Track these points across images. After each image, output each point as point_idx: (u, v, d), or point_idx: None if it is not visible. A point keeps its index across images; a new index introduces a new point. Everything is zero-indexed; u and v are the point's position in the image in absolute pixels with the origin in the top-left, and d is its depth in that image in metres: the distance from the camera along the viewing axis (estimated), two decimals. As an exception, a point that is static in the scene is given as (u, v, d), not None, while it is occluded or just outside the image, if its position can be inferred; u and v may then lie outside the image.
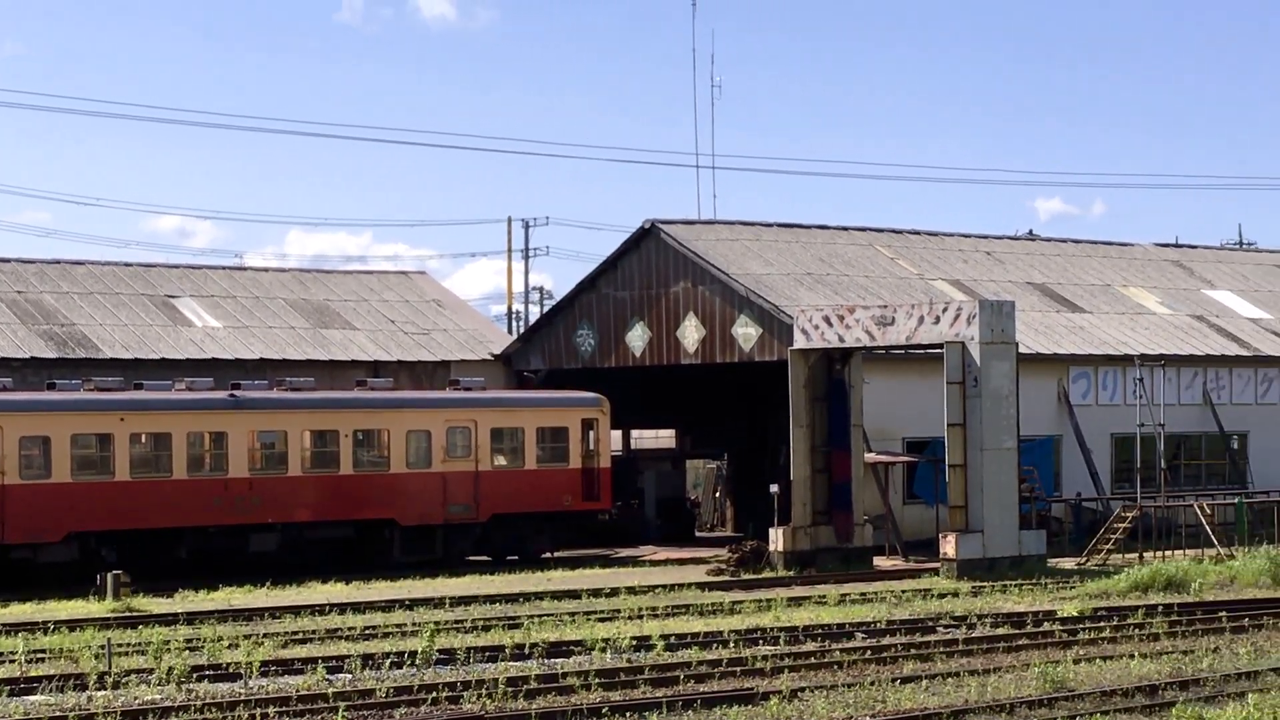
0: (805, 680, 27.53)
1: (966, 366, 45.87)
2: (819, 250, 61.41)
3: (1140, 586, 41.40)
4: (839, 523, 49.32)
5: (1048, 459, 57.18)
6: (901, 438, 54.63)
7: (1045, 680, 26.40)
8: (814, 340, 49.19)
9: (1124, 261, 70.32)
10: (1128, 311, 64.29)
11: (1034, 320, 59.61)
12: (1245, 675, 27.06)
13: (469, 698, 25.65)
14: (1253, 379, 63.22)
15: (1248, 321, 66.51)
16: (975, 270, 63.87)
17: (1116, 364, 58.96)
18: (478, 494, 51.67)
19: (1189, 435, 61.19)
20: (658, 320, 57.83)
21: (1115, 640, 32.50)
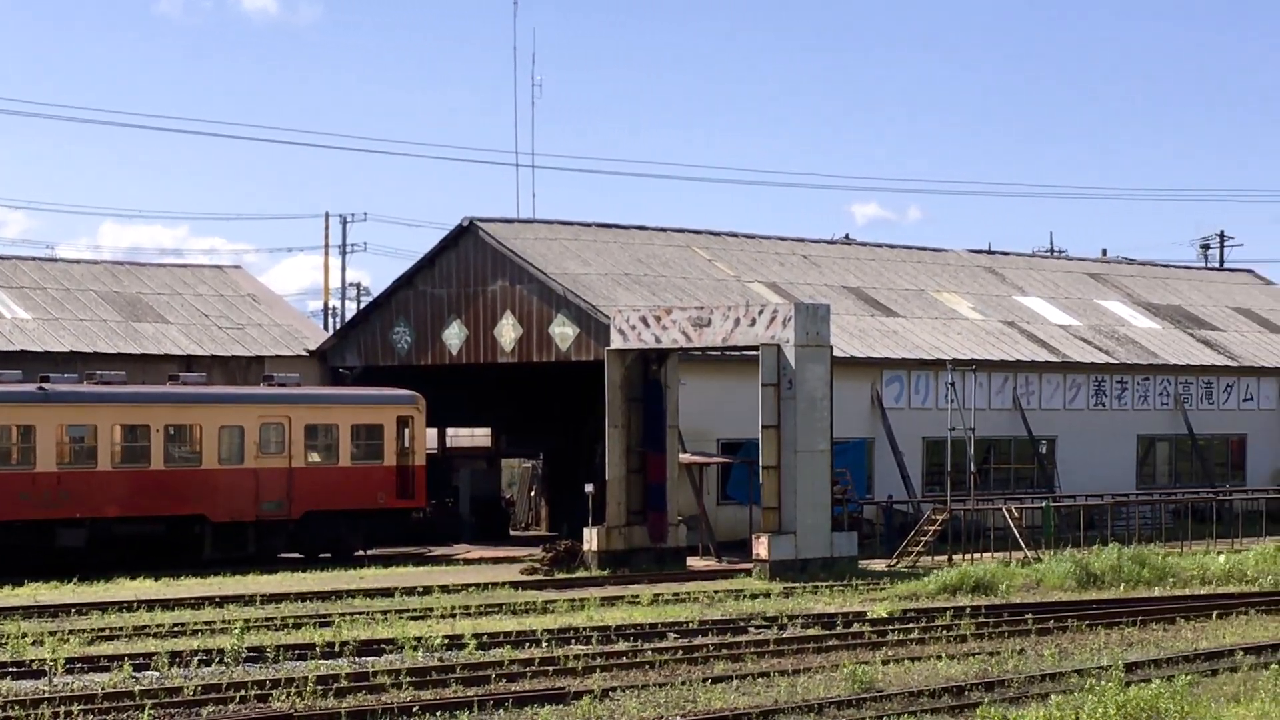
0: (617, 680, 27.57)
1: (781, 369, 46.18)
2: (637, 251, 61.56)
3: (949, 588, 41.88)
4: (653, 523, 49.46)
5: (860, 461, 57.75)
6: (717, 439, 54.90)
7: (854, 681, 26.63)
8: (631, 341, 49.30)
9: (938, 267, 71.20)
10: (941, 316, 65.08)
11: (849, 324, 60.16)
12: (1049, 676, 27.45)
13: (278, 696, 25.43)
14: (1061, 384, 64.28)
15: (1057, 328, 67.61)
16: (792, 273, 64.35)
17: (929, 368, 59.67)
18: (291, 491, 51.26)
19: (999, 439, 62.07)
20: (475, 319, 57.70)
21: (924, 641, 32.85)
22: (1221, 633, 34.53)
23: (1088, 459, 63.98)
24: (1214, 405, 69.00)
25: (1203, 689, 25.77)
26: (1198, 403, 68.35)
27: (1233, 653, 30.08)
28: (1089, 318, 70.21)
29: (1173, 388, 67.66)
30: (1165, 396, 67.37)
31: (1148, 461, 67.40)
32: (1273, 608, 38.49)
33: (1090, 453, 64.19)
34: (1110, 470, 64.55)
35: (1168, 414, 67.36)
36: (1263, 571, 45.77)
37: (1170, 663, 29.06)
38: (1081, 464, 63.73)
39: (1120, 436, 65.78)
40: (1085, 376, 65.00)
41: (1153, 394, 67.00)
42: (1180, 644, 32.75)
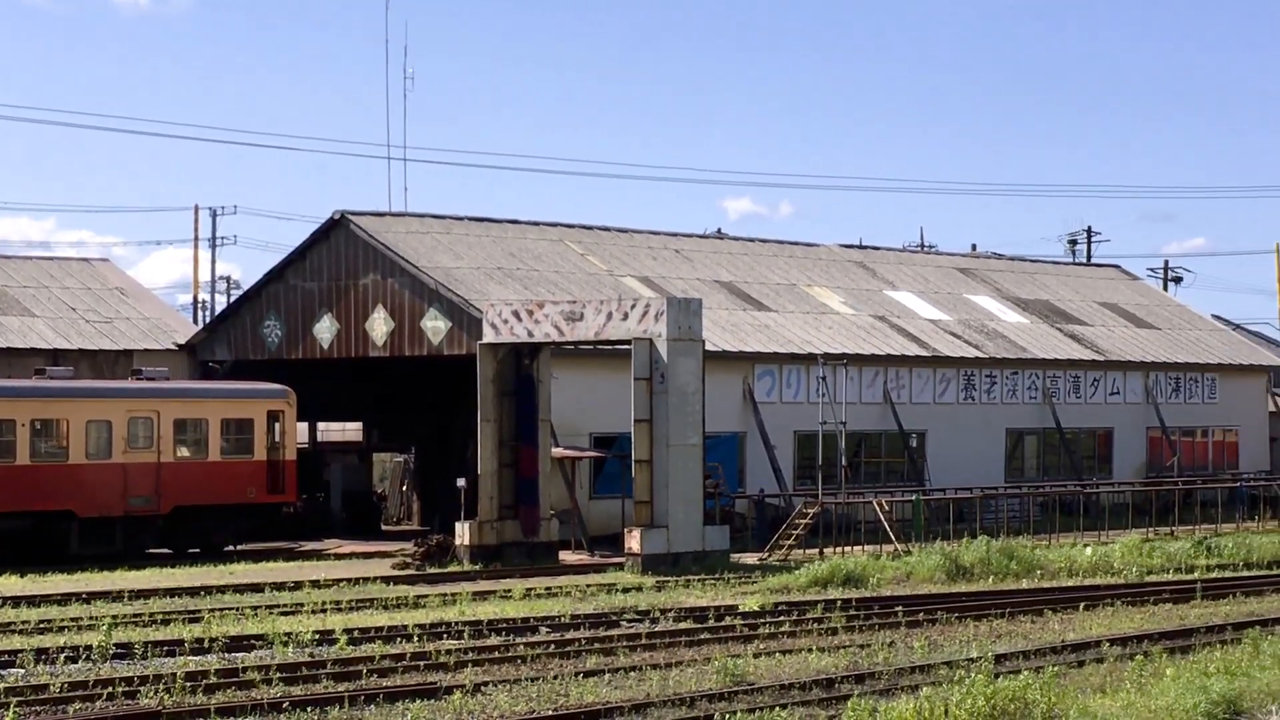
0: (489, 674, 27.50)
1: (654, 363, 46.24)
2: (510, 245, 61.42)
3: (820, 582, 42.08)
4: (525, 517, 49.40)
5: (732, 455, 57.94)
6: (589, 433, 54.87)
7: (725, 674, 26.72)
8: (503, 335, 49.21)
9: (809, 261, 71.52)
10: (812, 311, 65.39)
11: (721, 318, 60.32)
12: (919, 668, 27.67)
13: (146, 693, 25.18)
14: (931, 379, 64.74)
15: (927, 323, 68.10)
16: (664, 268, 64.42)
17: (800, 362, 59.91)
18: (159, 486, 50.77)
19: (869, 433, 62.44)
20: (346, 312, 57.38)
21: (795, 634, 33.00)
22: (1088, 624, 34.92)
23: (957, 453, 64.50)
24: (1081, 399, 69.77)
25: (1070, 680, 26.06)
26: (1065, 397, 69.08)
27: (1099, 644, 30.43)
28: (959, 312, 70.78)
29: (1041, 382, 68.33)
30: (1033, 391, 68.04)
31: (1016, 455, 68.03)
32: (1138, 599, 39.00)
33: (960, 446, 64.71)
34: (979, 464, 65.10)
35: (1036, 408, 68.03)
36: (1129, 564, 46.39)
37: (1038, 654, 29.38)
38: (951, 458, 64.24)
39: (989, 430, 66.36)
40: (955, 371, 65.50)
41: (1021, 388, 67.64)
42: (1048, 635, 33.12)
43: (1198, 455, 74.34)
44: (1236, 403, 76.20)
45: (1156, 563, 47.03)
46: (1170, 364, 73.41)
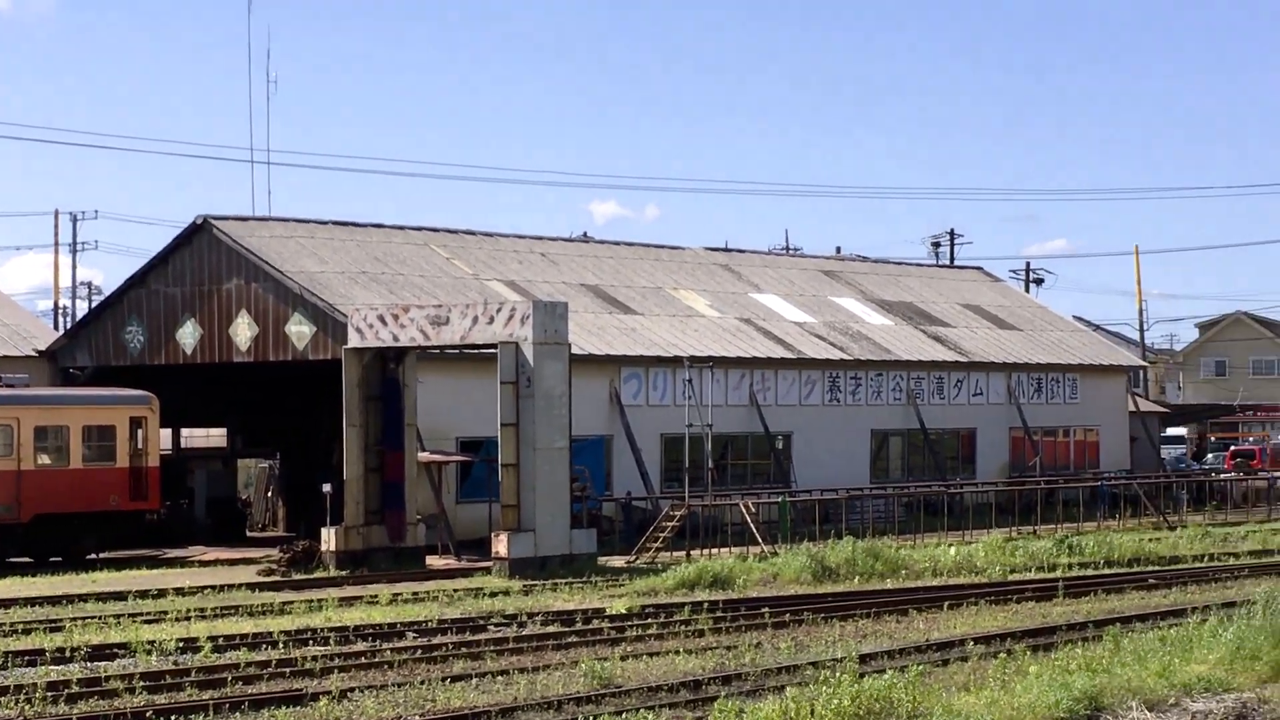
0: (355, 680, 27.39)
1: (520, 366, 46.19)
2: (374, 249, 61.15)
3: (687, 584, 42.17)
4: (392, 522, 49.21)
5: (599, 458, 57.97)
6: (456, 437, 54.73)
7: (593, 677, 26.75)
8: (368, 339, 49.00)
9: (675, 265, 71.71)
10: (678, 314, 65.55)
11: (587, 321, 60.35)
12: (785, 669, 27.82)
13: (6, 704, 24.87)
14: (797, 381, 65.07)
15: (792, 325, 68.44)
16: (530, 271, 64.39)
17: (667, 365, 60.03)
18: (19, 494, 50.09)
19: (736, 435, 62.66)
20: (210, 318, 56.93)
21: (662, 637, 33.09)
22: (952, 623, 35.24)
23: (823, 454, 64.89)
24: (945, 400, 70.38)
25: (934, 678, 26.29)
26: (929, 398, 69.66)
27: (963, 642, 30.72)
28: (824, 314, 71.19)
29: (905, 383, 68.88)
30: (898, 392, 68.56)
31: (881, 456, 68.51)
32: (1002, 598, 39.38)
33: (825, 448, 65.09)
34: (845, 465, 65.52)
35: (900, 409, 68.56)
36: (992, 563, 46.86)
37: (903, 653, 29.63)
38: (817, 459, 64.61)
39: (854, 431, 66.80)
40: (820, 372, 65.88)
41: (886, 389, 68.15)
42: (913, 635, 33.39)
43: (1059, 455, 75.21)
44: (1097, 403, 77.15)
45: (1019, 561, 47.52)
46: (1032, 365, 74.22)
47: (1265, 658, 25.54)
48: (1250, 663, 25.40)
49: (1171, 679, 24.13)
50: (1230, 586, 41.98)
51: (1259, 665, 25.27)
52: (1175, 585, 42.54)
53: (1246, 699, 23.33)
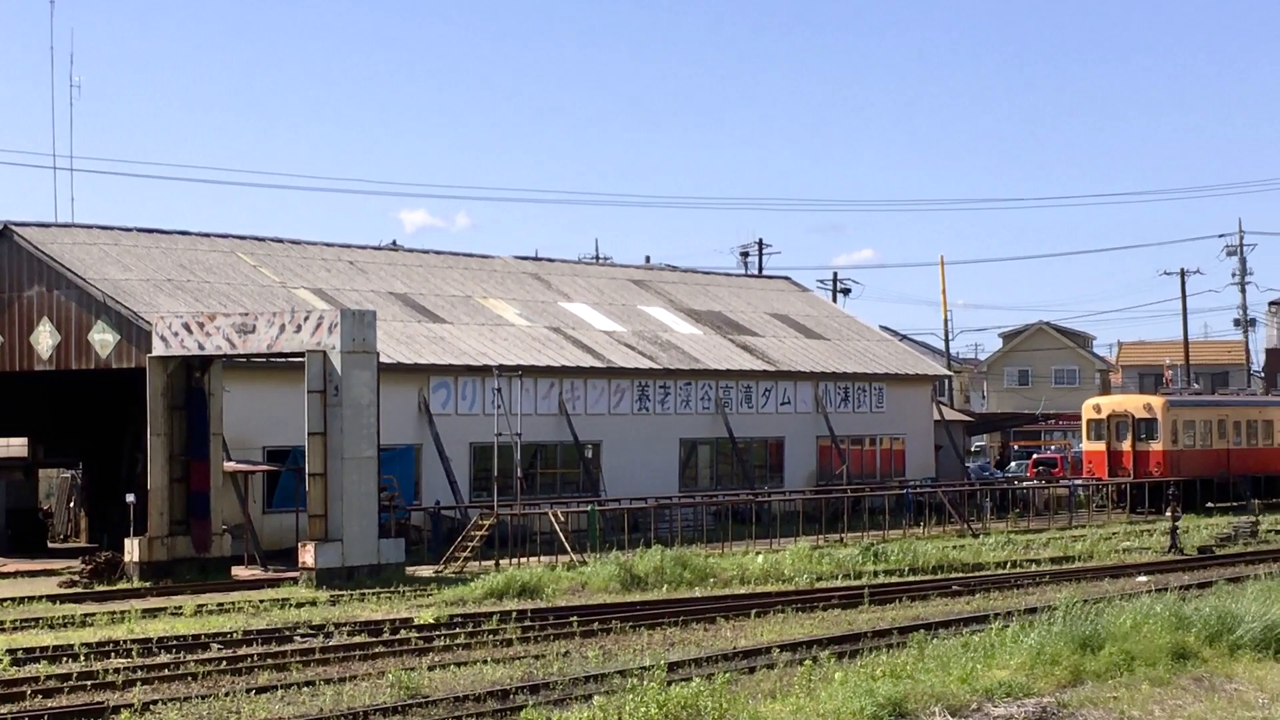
0: (159, 693, 27.04)
1: (328, 375, 45.86)
2: (180, 257, 60.41)
3: (496, 593, 42.11)
4: (197, 532, 48.63)
5: (408, 468, 57.68)
6: (263, 446, 54.22)
7: (400, 687, 26.62)
8: (173, 348, 48.39)
9: (484, 273, 71.58)
10: (488, 323, 65.42)
11: (396, 330, 60.06)
12: (593, 678, 27.83)
13: None
14: (606, 389, 65.17)
15: (602, 334, 68.57)
16: (338, 279, 63.95)
17: (476, 374, 59.90)
18: None
19: (545, 444, 62.63)
20: (9, 325, 55.94)
21: (470, 646, 33.00)
22: (760, 631, 35.47)
23: (632, 463, 65.06)
24: (753, 409, 70.83)
25: (741, 686, 26.43)
26: (738, 406, 70.07)
27: (770, 650, 30.93)
28: (633, 324, 71.40)
29: (714, 392, 69.22)
30: (707, 401, 68.89)
31: (690, 464, 68.80)
32: (808, 606, 39.71)
33: (635, 456, 65.28)
34: (654, 473, 65.73)
35: (709, 418, 68.89)
36: (799, 570, 47.21)
37: (710, 661, 29.74)
38: (626, 468, 64.76)
39: (663, 440, 67.04)
40: (629, 381, 66.05)
41: (695, 398, 68.46)
42: (720, 643, 33.54)
43: (866, 463, 75.97)
44: (903, 411, 78.04)
45: (826, 569, 47.93)
46: (839, 374, 74.90)
47: (1065, 663, 25.96)
48: (1050, 667, 25.80)
49: (974, 684, 24.45)
50: (1032, 593, 42.64)
51: (1059, 670, 25.67)
52: (979, 592, 43.14)
53: (1046, 703, 23.69)
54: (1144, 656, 26.46)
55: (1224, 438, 79.86)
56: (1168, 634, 27.71)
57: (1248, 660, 27.25)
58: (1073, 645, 26.64)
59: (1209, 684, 25.43)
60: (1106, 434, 77.41)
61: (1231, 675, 26.15)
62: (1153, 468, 76.14)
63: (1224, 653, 27.63)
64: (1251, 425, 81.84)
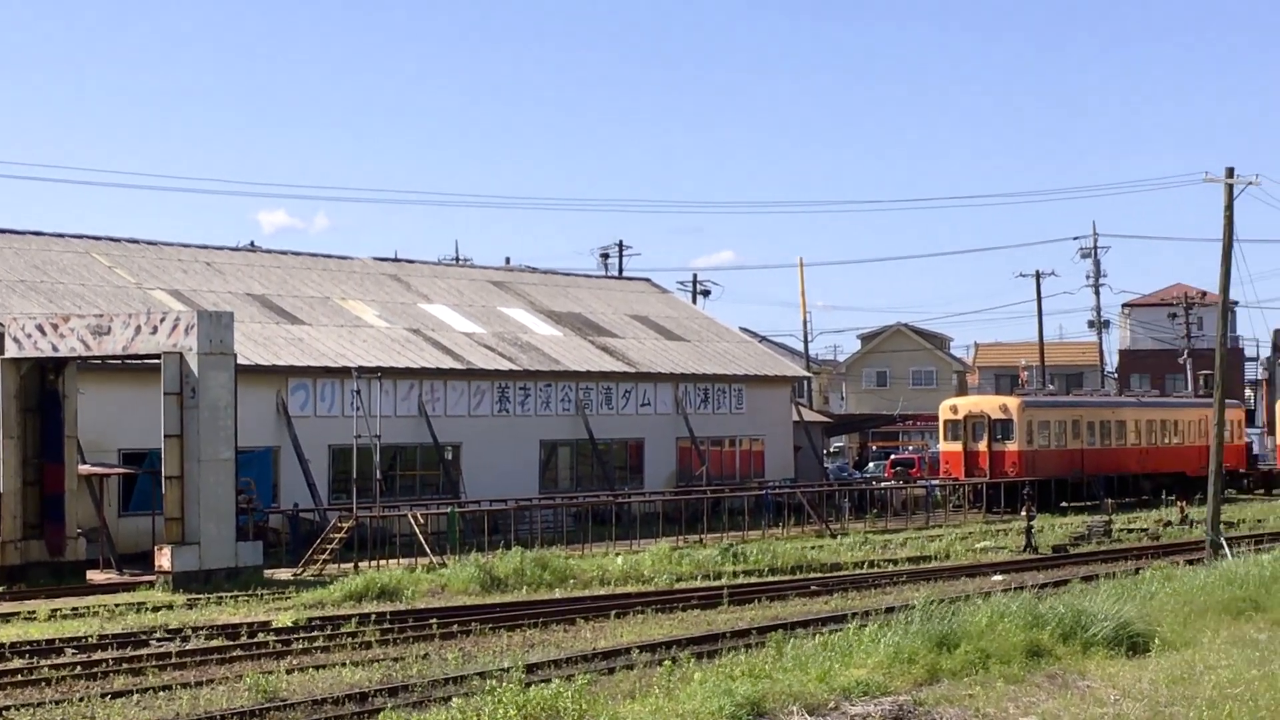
0: (11, 699, 26.72)
1: (184, 377, 45.45)
2: (33, 257, 59.67)
3: (355, 596, 41.91)
4: (51, 536, 48.04)
5: (266, 470, 57.29)
6: (119, 449, 53.65)
7: (258, 691, 26.44)
8: (26, 349, 47.76)
9: (344, 275, 71.23)
10: (347, 324, 65.10)
11: (254, 331, 59.62)
12: (453, 680, 27.78)
13: None
14: (466, 391, 65.01)
15: (462, 335, 68.42)
16: (195, 281, 63.40)
17: (335, 376, 59.59)
18: None
19: (405, 446, 62.39)
20: None
21: (329, 649, 32.84)
22: (619, 632, 35.53)
23: (493, 464, 64.95)
24: (613, 410, 70.93)
25: (600, 687, 26.43)
26: (598, 408, 70.13)
27: (629, 651, 30.99)
28: (493, 325, 71.29)
29: (574, 393, 69.24)
30: (567, 402, 68.91)
31: (550, 466, 68.76)
32: (668, 606, 39.82)
33: (495, 458, 65.17)
34: (514, 475, 65.65)
35: (569, 419, 68.91)
36: (658, 571, 47.35)
37: (570, 662, 29.75)
38: (487, 469, 64.64)
39: (524, 442, 66.98)
40: (490, 383, 65.93)
41: (555, 400, 68.45)
42: (580, 644, 33.57)
43: (725, 464, 76.28)
44: (762, 412, 78.42)
45: (686, 570, 48.08)
46: (699, 375, 75.17)
47: (921, 661, 26.18)
48: (907, 666, 26.01)
49: (832, 683, 24.59)
50: (889, 592, 42.98)
51: (915, 669, 25.89)
52: (837, 592, 43.44)
53: (903, 701, 23.86)
54: (999, 654, 26.73)
55: (1078, 438, 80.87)
56: (1022, 632, 28.02)
57: (1100, 657, 27.61)
58: (929, 644, 26.86)
59: (1062, 681, 25.73)
60: (963, 435, 78.17)
61: (1084, 672, 26.48)
62: (1008, 468, 76.96)
63: (1077, 650, 27.98)
64: (1105, 426, 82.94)
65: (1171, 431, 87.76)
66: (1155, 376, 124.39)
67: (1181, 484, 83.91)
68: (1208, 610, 32.39)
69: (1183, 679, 25.02)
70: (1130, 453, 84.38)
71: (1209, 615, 31.90)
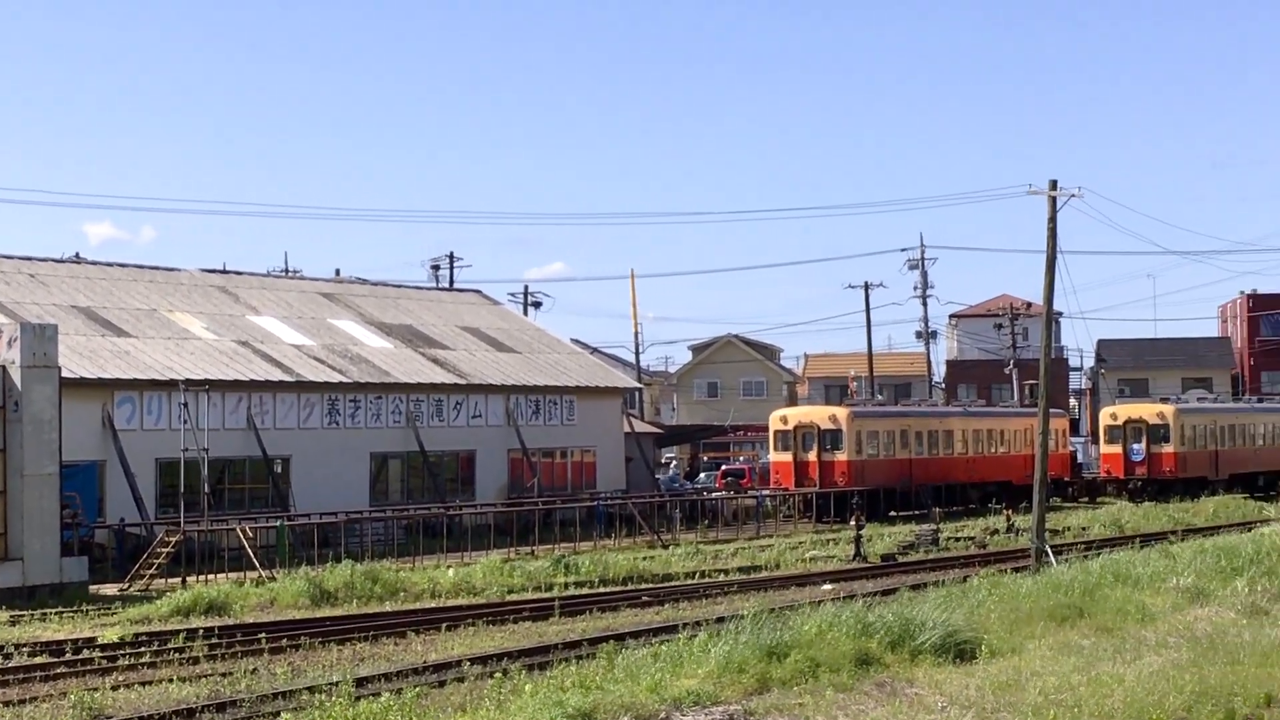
0: None
1: (7, 391, 44.76)
2: None
3: (183, 610, 41.45)
4: None
5: (92, 484, 56.44)
6: (-62, 464, 52.61)
7: (82, 708, 26.07)
8: None
9: (170, 286, 70.43)
10: (174, 336, 64.35)
11: (79, 344, 58.80)
12: (282, 694, 27.53)
13: None
14: (296, 404, 64.48)
15: (291, 347, 67.87)
16: (18, 293, 62.42)
17: (162, 389, 58.88)
18: None
19: (234, 459, 61.75)
20: None
21: (156, 665, 32.44)
22: (450, 645, 35.41)
23: (322, 477, 64.47)
24: (444, 422, 70.66)
25: (431, 700, 26.35)
26: (429, 420, 69.85)
27: (460, 663, 30.88)
28: (323, 337, 70.79)
29: (405, 406, 68.90)
30: (398, 414, 68.55)
31: (381, 478, 68.37)
32: (499, 618, 39.75)
33: (325, 471, 64.69)
34: (345, 488, 65.20)
35: (400, 431, 68.56)
36: (490, 583, 47.27)
37: (400, 675, 29.60)
38: (316, 482, 64.15)
39: (354, 454, 66.54)
40: (319, 395, 65.45)
41: (385, 412, 68.08)
42: (410, 657, 33.44)
43: (557, 475, 76.25)
44: (594, 424, 78.48)
45: (517, 582, 48.02)
46: (530, 386, 75.09)
47: (752, 670, 26.28)
48: (738, 676, 26.09)
49: (663, 694, 24.62)
50: (720, 602, 43.17)
51: (745, 678, 25.97)
52: (668, 602, 43.55)
53: (734, 711, 23.94)
54: (829, 663, 26.89)
55: (907, 448, 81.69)
56: (851, 641, 28.21)
57: (928, 665, 27.85)
58: (759, 653, 26.97)
59: (891, 689, 25.93)
60: (793, 445, 78.69)
61: (913, 680, 26.69)
62: (838, 478, 77.58)
63: (905, 658, 28.21)
64: (933, 435, 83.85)
65: (998, 441, 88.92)
66: (982, 386, 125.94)
67: (1008, 492, 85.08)
68: (1034, 617, 32.79)
69: (1009, 685, 25.30)
70: (958, 462, 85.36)
71: (1035, 622, 32.29)
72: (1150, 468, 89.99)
